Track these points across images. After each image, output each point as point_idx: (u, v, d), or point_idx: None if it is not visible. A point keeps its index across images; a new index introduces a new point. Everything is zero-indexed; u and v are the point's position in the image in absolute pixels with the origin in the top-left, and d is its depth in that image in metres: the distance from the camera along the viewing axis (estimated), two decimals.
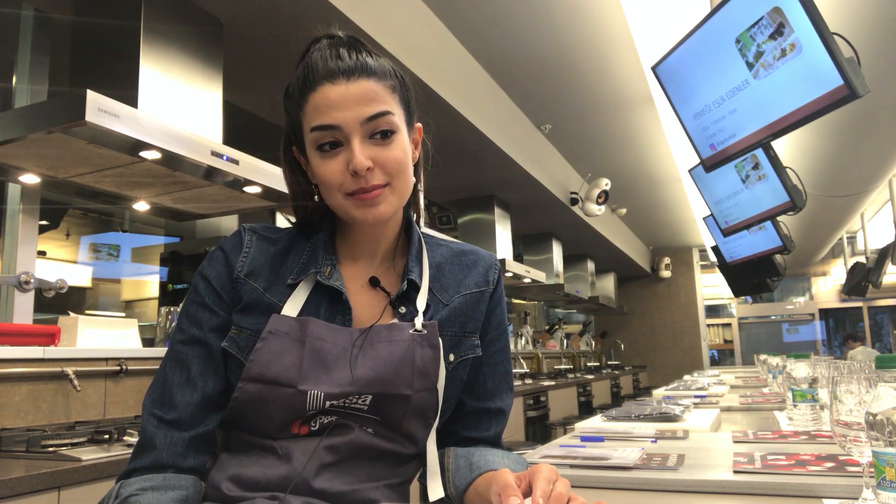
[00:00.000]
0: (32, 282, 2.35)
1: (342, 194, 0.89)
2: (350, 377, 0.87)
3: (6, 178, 2.29)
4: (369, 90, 0.88)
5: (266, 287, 0.93)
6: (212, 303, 0.93)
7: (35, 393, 2.11)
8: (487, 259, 1.07)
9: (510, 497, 0.73)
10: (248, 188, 2.41)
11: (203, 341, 0.91)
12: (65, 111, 1.81)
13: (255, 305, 0.92)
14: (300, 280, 0.93)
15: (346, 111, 0.87)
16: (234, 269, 0.94)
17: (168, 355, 0.94)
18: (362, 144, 0.87)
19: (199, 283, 0.95)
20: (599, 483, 1.14)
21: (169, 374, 0.92)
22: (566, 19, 3.46)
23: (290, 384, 0.86)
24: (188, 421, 0.89)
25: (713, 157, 2.76)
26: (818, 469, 1.09)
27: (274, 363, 0.87)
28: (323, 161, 0.89)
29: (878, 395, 0.64)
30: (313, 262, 0.95)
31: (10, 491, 1.42)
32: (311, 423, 0.88)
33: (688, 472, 1.13)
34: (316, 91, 0.88)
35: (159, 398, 0.90)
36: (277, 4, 2.47)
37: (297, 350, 0.88)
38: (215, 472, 0.90)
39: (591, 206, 5.82)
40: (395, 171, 0.90)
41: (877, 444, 0.65)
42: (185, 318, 0.94)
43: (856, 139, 4.34)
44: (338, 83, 0.87)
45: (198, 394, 0.90)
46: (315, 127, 0.88)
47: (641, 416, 1.88)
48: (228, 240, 0.98)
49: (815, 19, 2.01)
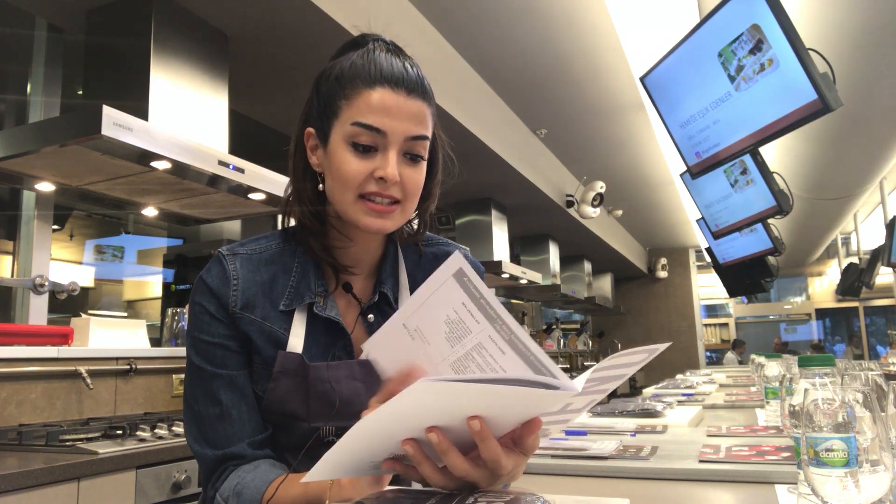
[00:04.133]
0: (47, 284, 2.46)
1: (356, 195, 0.88)
2: (355, 413, 0.93)
3: (23, 187, 2.40)
4: (421, 111, 0.89)
5: (264, 317, 0.93)
6: (221, 337, 0.93)
7: (50, 391, 2.21)
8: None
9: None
10: (252, 195, 2.52)
11: (226, 376, 0.92)
12: (81, 125, 1.91)
13: (258, 338, 0.92)
14: (293, 307, 0.93)
15: (396, 122, 0.87)
16: (228, 304, 0.92)
17: (193, 386, 0.93)
18: (396, 158, 0.88)
19: (202, 316, 0.93)
20: (578, 471, 1.25)
21: (202, 407, 0.91)
22: (560, 29, 3.57)
23: (303, 419, 0.91)
24: (236, 445, 0.91)
25: (698, 164, 2.88)
26: (775, 458, 1.20)
27: (287, 401, 0.91)
28: (351, 157, 0.87)
29: (798, 389, 0.75)
30: (305, 287, 0.94)
31: (34, 481, 1.53)
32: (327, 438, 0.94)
33: (657, 462, 1.24)
34: (374, 89, 0.87)
35: (200, 433, 0.91)
36: (280, 19, 2.57)
37: (304, 389, 0.91)
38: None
39: (587, 208, 5.92)
40: (411, 192, 0.91)
41: (796, 431, 0.76)
42: (198, 356, 0.93)
43: (843, 143, 4.45)
44: (399, 92, 0.87)
45: (235, 423, 0.91)
46: (361, 123, 0.86)
47: (625, 412, 1.99)
48: (211, 272, 0.94)
49: (790, 37, 2.12)
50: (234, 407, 0.91)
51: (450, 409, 0.62)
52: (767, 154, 4.36)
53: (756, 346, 13.08)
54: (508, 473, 0.69)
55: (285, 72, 3.02)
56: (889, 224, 6.18)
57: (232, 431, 0.90)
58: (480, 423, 0.63)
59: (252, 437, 0.91)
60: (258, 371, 0.93)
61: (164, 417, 2.20)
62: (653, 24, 3.49)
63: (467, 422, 0.63)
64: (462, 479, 0.67)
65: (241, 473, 0.88)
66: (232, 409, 0.91)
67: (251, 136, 3.59)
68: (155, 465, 1.81)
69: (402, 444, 0.65)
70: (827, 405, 0.69)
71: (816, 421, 0.70)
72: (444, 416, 0.63)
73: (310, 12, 2.51)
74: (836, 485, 0.67)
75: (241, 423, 0.91)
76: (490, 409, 0.62)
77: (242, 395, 0.92)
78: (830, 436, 0.68)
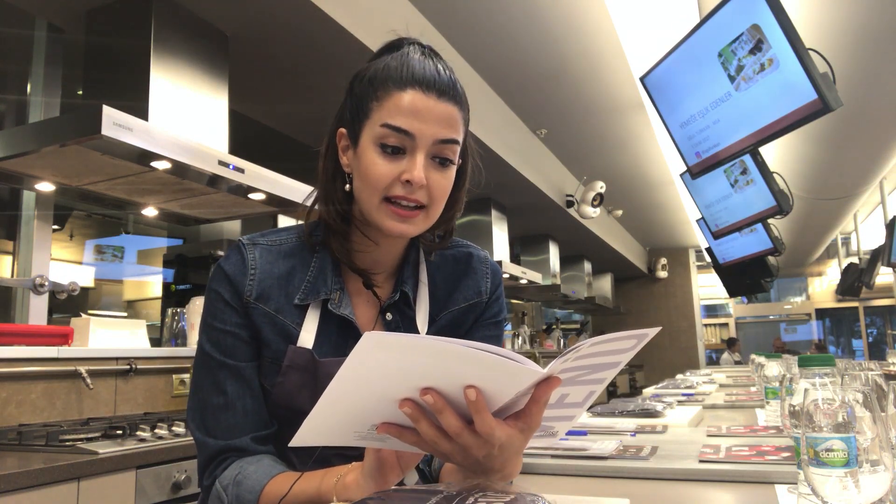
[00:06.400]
0: (47, 284, 2.46)
1: (381, 197, 0.88)
2: None
3: (23, 187, 2.40)
4: (452, 115, 0.89)
5: (277, 309, 0.92)
6: (233, 325, 0.92)
7: (50, 390, 2.21)
8: (479, 269, 1.05)
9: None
10: (252, 195, 2.52)
11: (233, 367, 0.92)
12: (81, 125, 1.91)
13: (268, 331, 0.92)
14: (308, 302, 0.93)
15: (426, 125, 0.86)
16: (244, 293, 0.92)
17: (201, 374, 0.93)
18: (424, 161, 0.87)
19: (217, 303, 0.93)
20: (578, 471, 1.25)
21: (206, 395, 0.92)
22: (560, 29, 3.57)
23: None
24: (238, 437, 0.91)
25: (698, 164, 2.88)
26: (775, 458, 1.20)
27: (296, 396, 0.91)
28: (379, 159, 0.87)
29: (798, 389, 0.75)
30: (322, 283, 0.94)
31: (34, 481, 1.53)
32: None
33: (657, 462, 1.24)
34: (406, 91, 0.86)
35: (202, 421, 0.92)
36: (280, 19, 2.57)
37: (313, 385, 0.90)
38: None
39: (587, 208, 5.92)
40: (438, 197, 0.90)
41: (796, 431, 0.76)
42: (209, 342, 0.93)
43: (843, 144, 4.45)
44: (429, 95, 0.87)
45: (238, 414, 0.91)
46: (390, 125, 0.86)
47: (625, 412, 1.99)
48: (230, 260, 0.94)
49: (790, 37, 2.12)
50: (238, 399, 0.91)
51: (430, 371, 0.64)
52: (767, 154, 4.36)
53: (756, 346, 13.08)
54: (501, 448, 0.69)
55: (285, 72, 3.02)
56: (889, 224, 6.18)
57: (234, 423, 0.90)
58: (476, 392, 0.64)
59: (255, 431, 0.91)
60: (267, 365, 0.93)
61: (164, 417, 2.20)
62: (653, 25, 3.49)
63: (464, 391, 0.64)
64: (455, 440, 0.67)
65: (242, 464, 0.88)
66: (237, 400, 0.91)
67: (251, 136, 3.59)
68: (155, 465, 1.81)
69: (400, 404, 0.66)
70: (827, 405, 0.69)
71: (816, 421, 0.70)
72: (431, 380, 0.65)
73: (310, 12, 2.51)
74: (836, 485, 0.67)
75: (245, 416, 0.91)
76: (467, 380, 0.64)
77: (249, 387, 0.92)
78: (830, 436, 0.68)
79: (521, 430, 0.69)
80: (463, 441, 0.67)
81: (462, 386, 0.64)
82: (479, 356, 0.61)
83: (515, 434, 0.69)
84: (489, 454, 0.69)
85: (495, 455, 0.69)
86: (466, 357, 0.61)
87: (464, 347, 0.60)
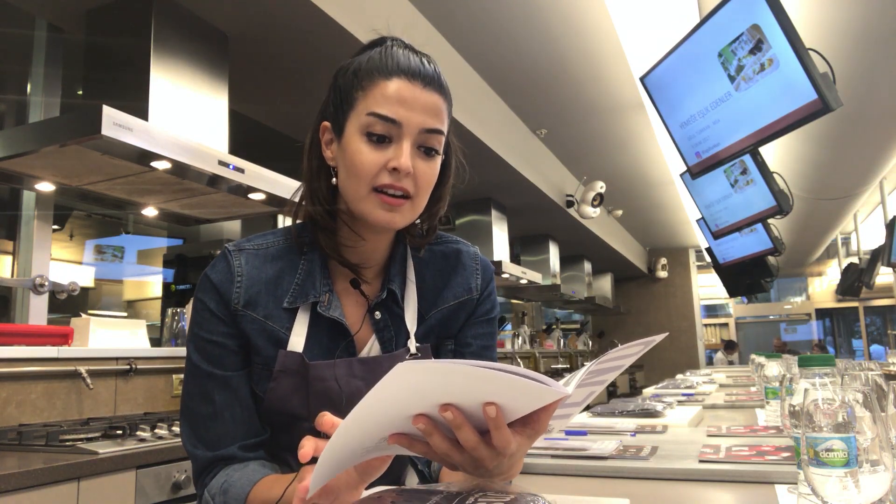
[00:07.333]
0: (47, 284, 2.46)
1: (369, 187, 0.87)
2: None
3: (23, 187, 2.40)
4: (437, 105, 0.89)
5: (266, 315, 0.92)
6: (220, 335, 0.92)
7: (50, 391, 2.21)
8: (469, 265, 1.04)
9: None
10: (252, 195, 2.52)
11: (220, 377, 0.92)
12: (81, 125, 1.91)
13: (257, 337, 0.92)
14: (297, 305, 0.93)
15: (412, 112, 0.86)
16: (231, 301, 0.91)
17: (189, 383, 0.93)
18: (410, 150, 0.87)
19: (203, 313, 0.93)
20: (578, 471, 1.25)
21: (195, 405, 0.91)
22: (559, 29, 3.57)
23: (305, 419, 0.90)
24: (227, 447, 0.91)
25: (698, 164, 2.88)
26: (775, 458, 1.20)
27: (288, 401, 0.91)
28: (365, 147, 0.87)
29: (798, 389, 0.75)
30: (310, 286, 0.94)
31: (34, 481, 1.53)
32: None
33: (657, 462, 1.24)
34: (391, 80, 0.87)
35: (192, 431, 0.92)
36: (280, 19, 2.57)
37: (305, 389, 0.90)
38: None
39: (587, 208, 5.92)
40: (423, 186, 0.90)
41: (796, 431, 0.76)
42: (196, 353, 0.92)
43: (843, 144, 4.45)
44: (414, 84, 0.87)
45: (226, 424, 0.91)
46: (376, 113, 0.86)
47: (625, 412, 1.99)
48: (216, 268, 0.94)
49: (790, 37, 2.12)
50: (226, 408, 0.91)
51: (451, 391, 0.63)
52: (767, 154, 4.36)
53: (756, 346, 13.09)
54: (511, 456, 0.68)
55: (285, 72, 3.02)
56: (889, 224, 6.18)
57: (223, 432, 0.90)
58: (496, 409, 0.63)
59: (244, 439, 0.91)
60: (258, 371, 0.92)
61: (164, 417, 2.20)
62: (653, 25, 3.49)
63: (483, 408, 0.63)
64: (469, 453, 0.67)
65: (229, 472, 0.88)
66: (224, 410, 0.91)
67: (251, 136, 3.59)
68: (155, 465, 1.81)
69: (413, 420, 0.66)
70: (827, 405, 0.69)
71: (816, 421, 0.70)
72: (450, 398, 0.64)
73: (310, 12, 2.51)
74: (836, 485, 0.67)
75: (234, 425, 0.91)
76: (487, 397, 0.63)
77: (237, 396, 0.92)
78: (830, 436, 0.68)
79: (528, 437, 0.69)
80: (478, 454, 0.67)
81: (480, 402, 0.64)
82: (508, 379, 0.60)
83: (524, 441, 0.69)
84: (500, 463, 0.69)
85: (504, 462, 0.70)
86: (495, 380, 0.60)
87: (494, 372, 0.59)
